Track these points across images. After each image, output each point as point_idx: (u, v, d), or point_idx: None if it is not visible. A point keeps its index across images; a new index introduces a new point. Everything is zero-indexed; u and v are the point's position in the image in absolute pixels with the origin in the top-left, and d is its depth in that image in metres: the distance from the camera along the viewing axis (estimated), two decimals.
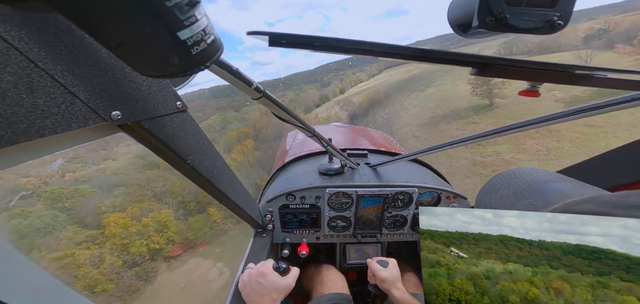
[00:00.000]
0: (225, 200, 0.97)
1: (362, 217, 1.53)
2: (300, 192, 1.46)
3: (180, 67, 0.26)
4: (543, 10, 0.37)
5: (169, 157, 0.65)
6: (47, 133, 0.37)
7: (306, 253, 1.54)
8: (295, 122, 0.91)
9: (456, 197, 1.51)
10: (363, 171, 1.61)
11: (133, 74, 0.49)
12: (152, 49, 0.24)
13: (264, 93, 0.64)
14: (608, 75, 0.59)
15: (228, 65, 0.50)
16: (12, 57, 0.33)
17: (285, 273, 1.00)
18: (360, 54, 0.54)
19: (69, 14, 0.21)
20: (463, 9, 0.41)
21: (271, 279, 0.96)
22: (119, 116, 0.47)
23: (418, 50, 0.56)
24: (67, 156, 14.03)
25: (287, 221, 1.53)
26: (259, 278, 0.96)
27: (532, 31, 0.38)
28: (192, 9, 0.24)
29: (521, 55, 28.79)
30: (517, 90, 0.66)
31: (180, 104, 0.62)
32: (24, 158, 0.40)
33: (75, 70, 0.40)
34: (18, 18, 0.33)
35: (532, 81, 0.62)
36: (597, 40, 51.61)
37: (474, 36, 0.43)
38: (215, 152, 0.83)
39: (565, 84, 0.61)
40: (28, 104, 0.35)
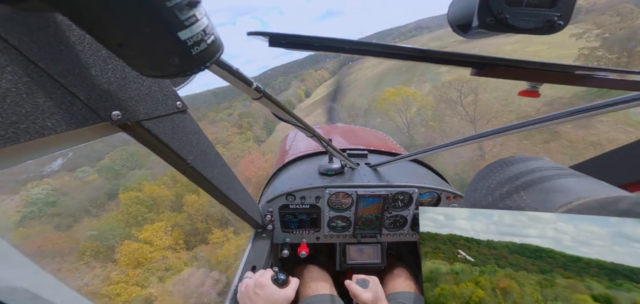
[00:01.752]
0: (225, 200, 0.97)
1: (362, 217, 1.53)
2: (300, 193, 1.46)
3: (181, 67, 0.26)
4: (543, 10, 0.37)
5: (169, 157, 0.65)
6: (47, 133, 0.37)
7: (306, 253, 1.53)
8: (295, 122, 0.91)
9: (456, 197, 1.51)
10: (363, 171, 1.61)
11: (133, 74, 0.49)
12: (153, 49, 0.24)
13: (264, 93, 0.64)
14: (608, 75, 0.59)
15: (228, 65, 0.50)
16: (12, 57, 0.33)
17: (284, 284, 0.96)
18: (360, 54, 0.54)
19: (69, 13, 0.21)
20: (463, 9, 0.41)
21: (269, 291, 0.92)
22: (119, 116, 0.47)
23: (418, 50, 0.56)
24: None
25: (287, 221, 1.53)
26: (257, 289, 0.92)
27: (532, 31, 0.38)
28: (192, 9, 0.24)
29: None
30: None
31: (180, 104, 0.62)
32: (24, 158, 0.40)
33: (75, 71, 0.40)
34: (18, 18, 0.33)
35: (532, 81, 0.62)
36: None
37: (474, 36, 0.43)
38: (215, 153, 0.83)
39: (565, 84, 0.61)
40: (28, 104, 0.35)
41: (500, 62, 0.58)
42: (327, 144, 1.27)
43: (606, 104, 0.55)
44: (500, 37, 0.42)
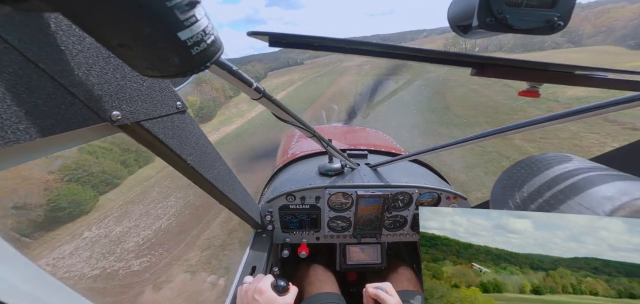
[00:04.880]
0: (225, 200, 0.97)
1: (362, 217, 1.53)
2: (300, 193, 1.46)
3: (181, 67, 0.26)
4: (543, 10, 0.37)
5: (169, 158, 0.65)
6: (47, 133, 0.37)
7: (306, 254, 1.53)
8: (295, 122, 0.91)
9: (456, 198, 1.51)
10: (363, 171, 1.61)
11: (133, 74, 0.49)
12: (153, 49, 0.24)
13: (264, 93, 0.64)
14: (608, 75, 0.59)
15: (228, 65, 0.50)
16: (12, 57, 0.33)
17: (283, 292, 0.95)
18: (360, 54, 0.54)
19: (69, 13, 0.21)
20: (463, 9, 0.41)
21: (269, 297, 0.91)
22: (119, 116, 0.47)
23: (418, 50, 0.56)
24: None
25: (287, 221, 1.53)
26: (256, 294, 0.92)
27: (531, 31, 0.38)
28: (192, 9, 0.24)
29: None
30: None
31: (180, 104, 0.62)
32: (24, 158, 0.40)
33: (75, 71, 0.40)
34: (18, 18, 0.33)
35: (532, 81, 0.62)
36: None
37: (474, 36, 0.43)
38: (215, 153, 0.83)
39: (565, 84, 0.61)
40: (28, 104, 0.35)
41: (500, 62, 0.58)
42: (327, 144, 1.27)
43: (606, 104, 0.55)
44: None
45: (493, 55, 0.58)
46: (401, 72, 18.38)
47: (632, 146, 1.03)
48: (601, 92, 0.65)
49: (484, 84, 17.39)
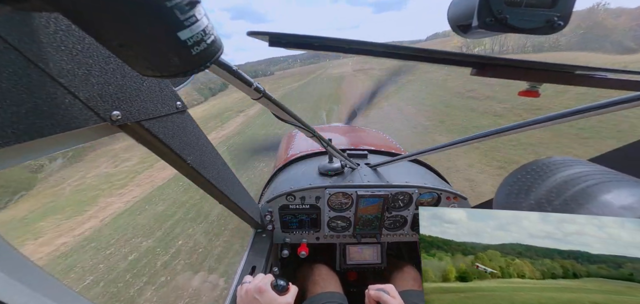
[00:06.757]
0: (225, 200, 0.97)
1: (362, 217, 1.53)
2: (300, 193, 1.46)
3: (181, 67, 0.26)
4: (543, 10, 0.37)
5: (169, 158, 0.65)
6: (47, 133, 0.37)
7: (306, 254, 1.54)
8: (295, 122, 0.91)
9: (456, 198, 1.51)
10: (363, 171, 1.62)
11: (133, 74, 0.49)
12: (153, 49, 0.24)
13: (263, 93, 0.64)
14: (608, 75, 0.59)
15: (228, 65, 0.50)
16: (12, 57, 0.33)
17: (283, 291, 0.97)
18: (360, 53, 0.54)
19: (69, 13, 0.21)
20: (463, 9, 0.42)
21: (269, 297, 0.92)
22: (119, 116, 0.47)
23: (418, 50, 0.56)
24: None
25: (287, 221, 1.53)
26: (256, 294, 0.93)
27: (531, 31, 0.38)
28: (192, 9, 0.24)
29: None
30: None
31: (180, 104, 0.62)
32: (24, 158, 0.40)
33: (75, 70, 0.40)
34: (18, 18, 0.33)
35: (532, 81, 0.62)
36: None
37: (474, 36, 0.43)
38: (215, 153, 0.83)
39: (565, 84, 0.61)
40: (28, 105, 0.35)
41: (500, 62, 0.58)
42: (327, 144, 1.27)
43: (606, 104, 0.55)
44: None
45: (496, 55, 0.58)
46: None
47: (632, 146, 1.03)
48: (601, 92, 0.64)
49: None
